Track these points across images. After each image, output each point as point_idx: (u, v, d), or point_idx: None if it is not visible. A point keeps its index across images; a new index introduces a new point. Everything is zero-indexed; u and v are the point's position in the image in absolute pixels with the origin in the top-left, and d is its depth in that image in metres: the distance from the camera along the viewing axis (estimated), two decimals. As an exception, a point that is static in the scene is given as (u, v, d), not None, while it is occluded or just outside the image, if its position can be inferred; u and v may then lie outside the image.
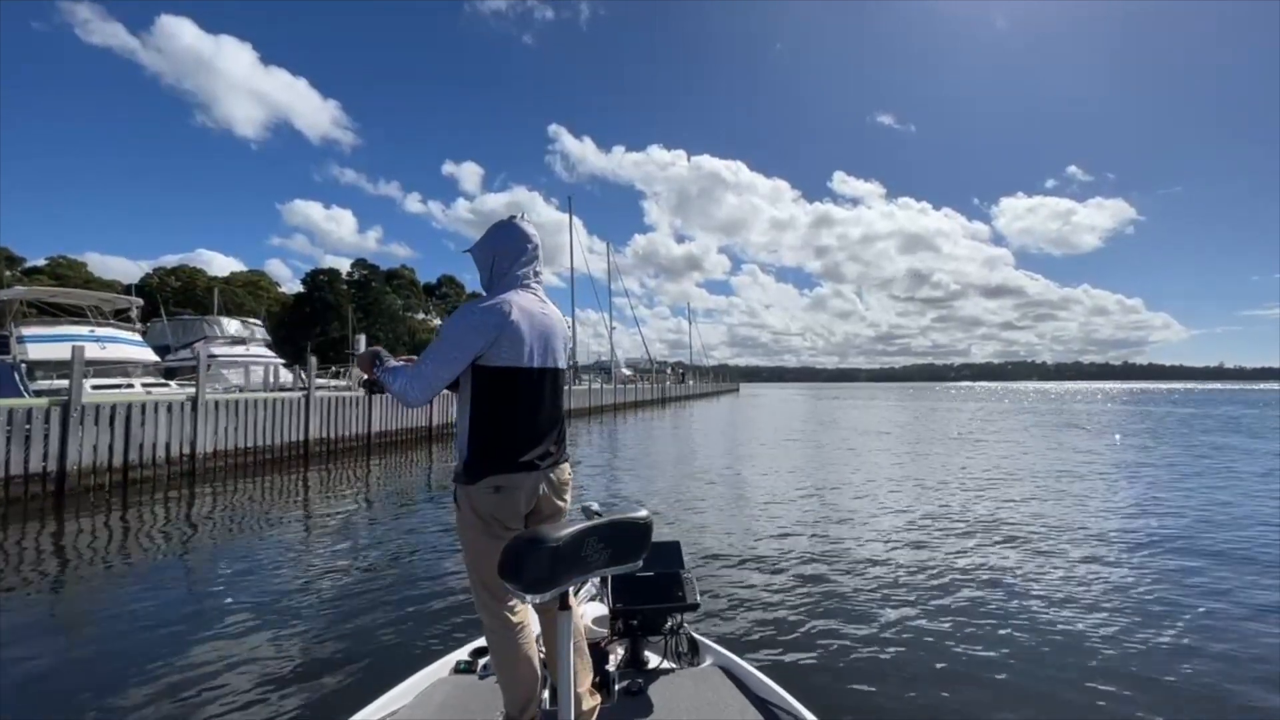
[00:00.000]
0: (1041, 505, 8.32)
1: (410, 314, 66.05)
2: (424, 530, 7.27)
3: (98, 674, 3.59)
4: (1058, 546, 6.16)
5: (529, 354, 1.71)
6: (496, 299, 1.72)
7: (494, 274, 1.81)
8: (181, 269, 59.96)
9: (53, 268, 48.85)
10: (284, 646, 3.94)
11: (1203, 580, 5.16)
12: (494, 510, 1.68)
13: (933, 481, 10.36)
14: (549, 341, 1.78)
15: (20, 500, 8.09)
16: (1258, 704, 3.19)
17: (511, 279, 1.79)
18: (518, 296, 1.74)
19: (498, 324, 1.66)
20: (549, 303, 1.85)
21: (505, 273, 1.79)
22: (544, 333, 1.76)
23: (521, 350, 1.70)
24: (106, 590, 5.20)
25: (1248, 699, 3.24)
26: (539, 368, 1.75)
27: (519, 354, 1.69)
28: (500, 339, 1.67)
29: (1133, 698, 3.22)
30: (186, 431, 10.42)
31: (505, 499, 1.68)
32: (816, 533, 6.78)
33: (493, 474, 1.67)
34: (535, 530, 1.28)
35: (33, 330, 14.18)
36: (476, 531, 1.69)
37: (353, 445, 14.41)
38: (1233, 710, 3.16)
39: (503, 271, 1.80)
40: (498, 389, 1.70)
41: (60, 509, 7.95)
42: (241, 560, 5.97)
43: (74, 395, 8.70)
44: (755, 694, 1.96)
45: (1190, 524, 7.21)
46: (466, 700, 1.97)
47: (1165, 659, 3.69)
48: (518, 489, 1.68)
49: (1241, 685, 3.37)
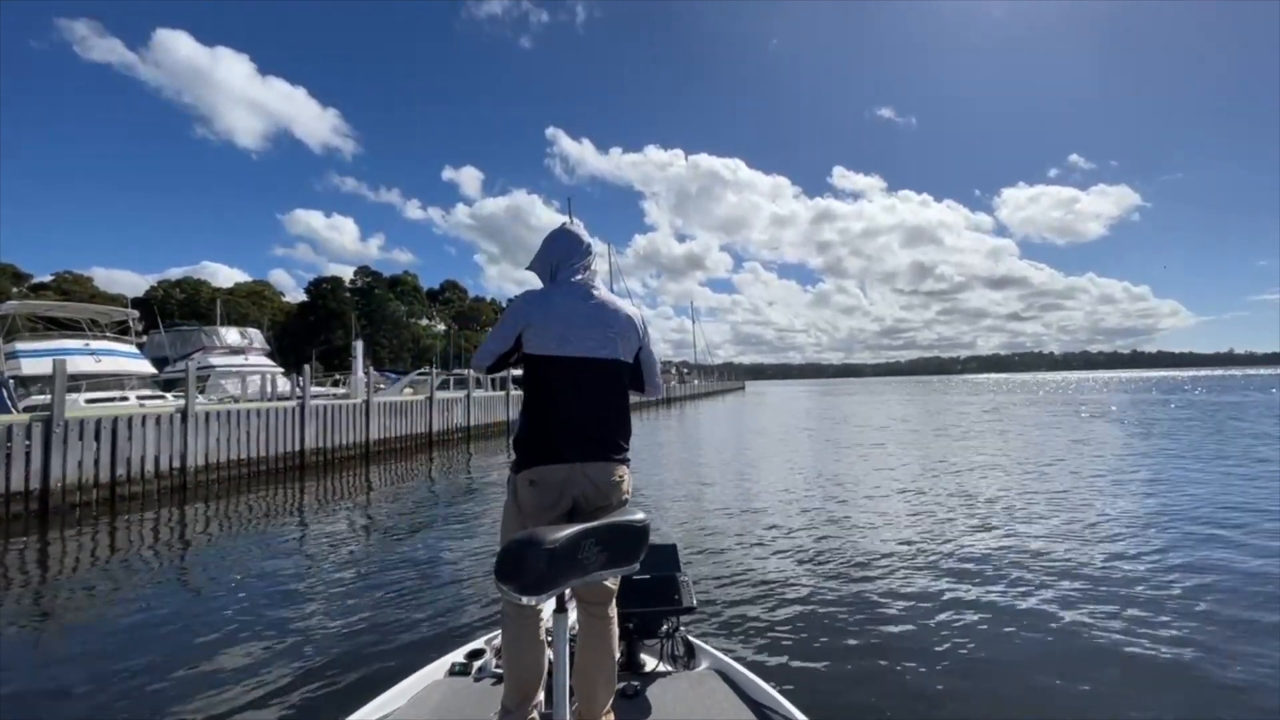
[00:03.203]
0: (1054, 507, 7.96)
1: (414, 320, 66.04)
2: (420, 535, 7.31)
3: (85, 685, 3.56)
4: (1068, 550, 5.84)
5: (565, 342, 1.74)
6: (538, 289, 1.85)
7: (554, 277, 1.88)
8: (185, 281, 60.28)
9: (59, 283, 49.15)
10: (278, 650, 3.95)
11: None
12: (532, 503, 1.69)
13: (937, 481, 10.02)
14: (597, 332, 1.78)
15: (2, 519, 7.87)
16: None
17: (563, 277, 1.86)
18: (561, 288, 1.82)
19: (528, 312, 1.76)
20: (603, 295, 1.86)
21: (559, 272, 1.87)
22: (589, 323, 1.78)
23: (556, 337, 1.74)
24: (91, 605, 5.11)
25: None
26: (577, 357, 1.75)
27: (555, 341, 1.74)
28: (534, 325, 1.75)
29: (1135, 701, 3.13)
30: (176, 444, 10.19)
31: (540, 493, 1.69)
32: (814, 536, 6.60)
33: (530, 466, 1.70)
34: (532, 532, 1.27)
35: (27, 345, 14.06)
36: (514, 519, 1.73)
37: (350, 454, 14.16)
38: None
39: (557, 272, 1.87)
40: (537, 377, 1.77)
41: (44, 527, 7.75)
42: (234, 569, 5.94)
43: (56, 410, 8.47)
44: (751, 697, 1.95)
45: (1248, 523, 6.80)
46: (462, 702, 1.96)
47: (1174, 673, 3.44)
48: (551, 483, 1.69)
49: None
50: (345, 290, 61.20)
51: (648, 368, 1.96)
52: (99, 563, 6.35)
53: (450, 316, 71.12)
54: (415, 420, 16.91)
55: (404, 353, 57.38)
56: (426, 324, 67.16)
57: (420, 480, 11.86)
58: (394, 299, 64.09)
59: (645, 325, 1.93)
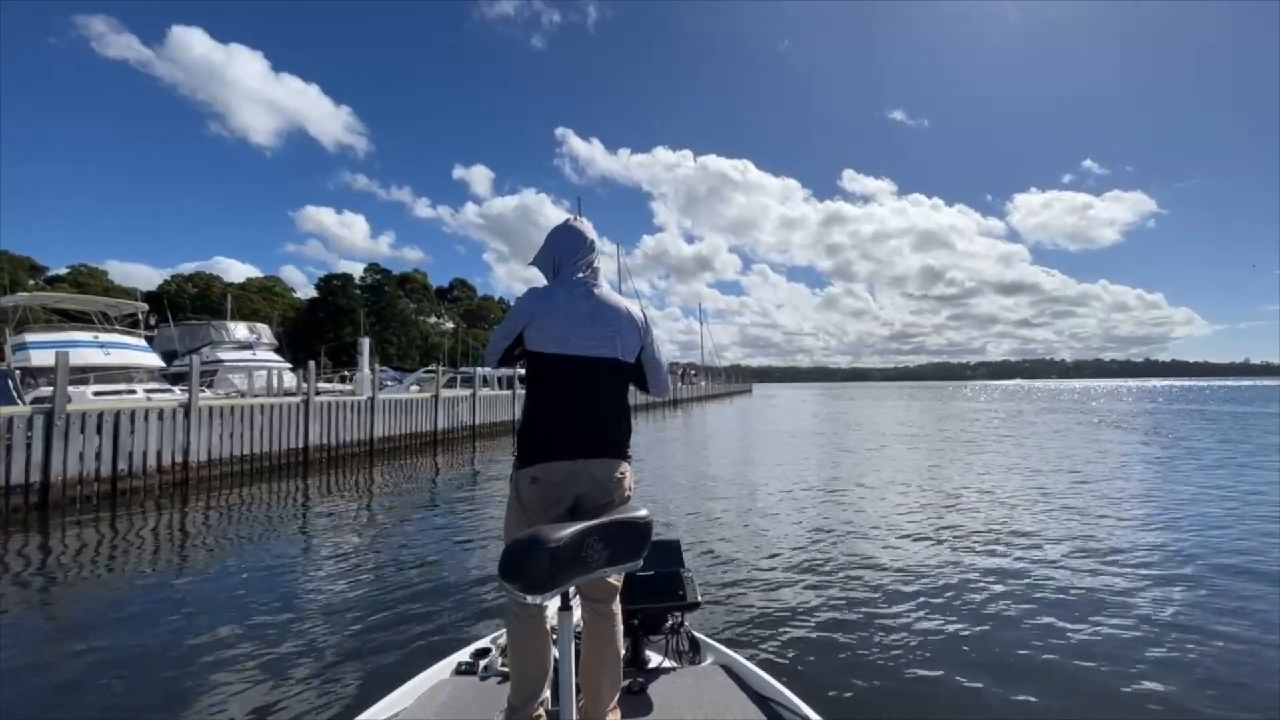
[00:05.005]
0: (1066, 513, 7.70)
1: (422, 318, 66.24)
2: (425, 534, 7.13)
3: (84, 684, 3.53)
4: (1076, 554, 5.68)
5: (565, 340, 1.74)
6: (542, 287, 1.85)
7: (556, 276, 1.87)
8: (198, 276, 60.74)
9: (74, 276, 49.67)
10: (283, 649, 3.93)
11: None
12: (533, 500, 1.70)
13: (943, 484, 9.76)
14: (598, 331, 1.77)
15: (2, 513, 7.81)
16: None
17: (565, 275, 1.84)
18: (562, 286, 1.81)
19: (531, 309, 1.76)
20: (606, 294, 1.84)
21: (561, 269, 1.86)
22: (590, 322, 1.77)
23: (556, 336, 1.74)
24: (90, 601, 5.05)
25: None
26: (577, 355, 1.75)
27: (555, 339, 1.74)
28: (535, 322, 1.75)
29: (1137, 703, 3.08)
30: (179, 439, 10.11)
31: (542, 490, 1.69)
32: (819, 532, 6.53)
33: (532, 464, 1.70)
34: (535, 530, 1.27)
35: (36, 337, 14.09)
36: (517, 516, 1.73)
37: (354, 451, 14.08)
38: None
39: (560, 269, 1.86)
40: (538, 374, 1.77)
41: (45, 521, 7.68)
42: (236, 566, 5.88)
43: (58, 403, 8.41)
44: (757, 692, 1.95)
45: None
46: (468, 702, 1.96)
47: (1178, 677, 3.35)
48: (553, 480, 1.69)
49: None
50: (355, 287, 61.39)
51: (652, 367, 1.93)
52: (99, 558, 6.28)
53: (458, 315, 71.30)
54: (421, 418, 16.81)
55: (412, 350, 57.55)
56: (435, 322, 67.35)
57: (424, 478, 11.77)
58: (403, 296, 64.31)
59: (649, 324, 1.90)
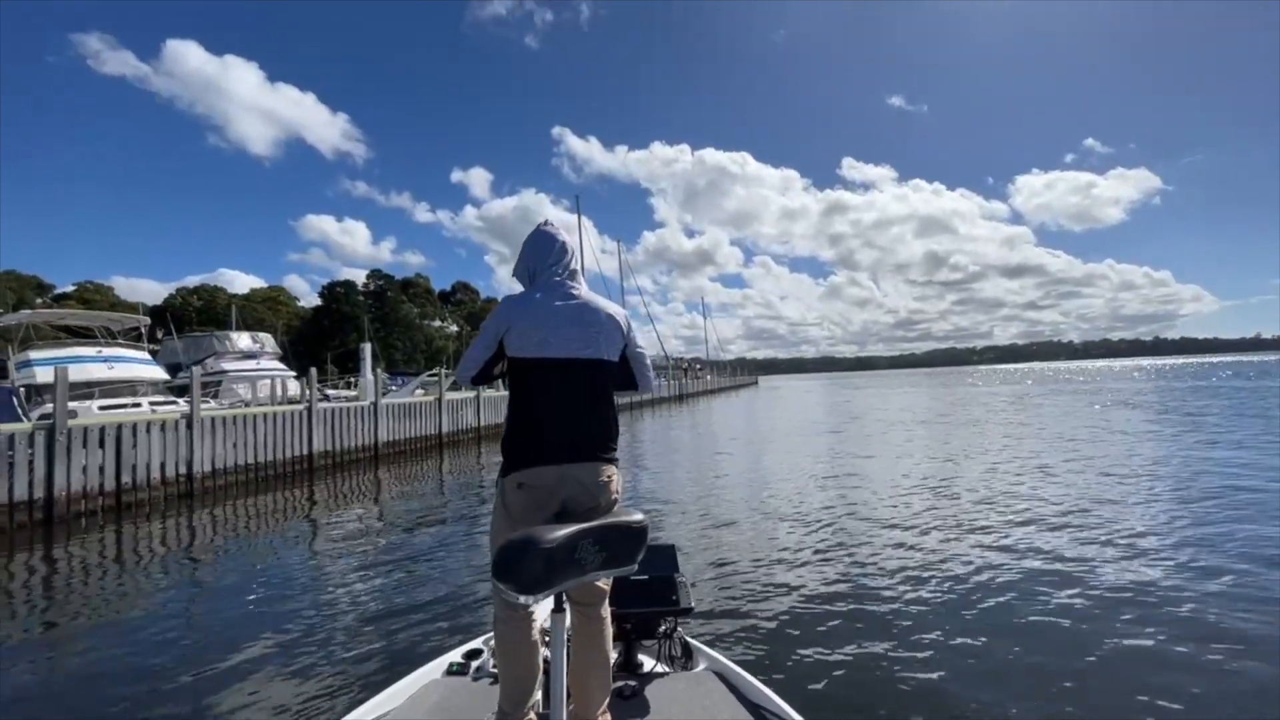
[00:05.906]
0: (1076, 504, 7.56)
1: (426, 322, 66.36)
2: (421, 535, 7.18)
3: (89, 693, 3.58)
4: (1078, 551, 5.51)
5: (546, 344, 1.73)
6: (519, 293, 1.85)
7: (533, 281, 1.87)
8: (203, 289, 61.05)
9: (80, 293, 50.06)
10: (278, 651, 3.99)
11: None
12: (520, 506, 1.70)
13: (941, 482, 9.59)
14: (578, 332, 1.76)
15: (6, 530, 7.82)
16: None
17: (542, 279, 1.84)
18: (541, 291, 1.81)
19: (508, 316, 1.75)
20: (584, 295, 1.84)
21: (537, 275, 1.86)
22: (570, 323, 1.76)
23: (536, 340, 1.73)
24: (94, 613, 5.11)
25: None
26: (559, 358, 1.74)
27: (535, 344, 1.73)
28: (515, 328, 1.73)
29: (1139, 704, 3.02)
30: (182, 450, 10.11)
31: (528, 495, 1.69)
32: (815, 537, 6.37)
33: (517, 470, 1.70)
34: (530, 531, 1.26)
35: (39, 354, 14.15)
36: (503, 522, 1.73)
37: (359, 457, 14.07)
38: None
39: (535, 276, 1.86)
40: (520, 380, 1.77)
41: (49, 537, 7.67)
42: (236, 573, 5.96)
43: (59, 418, 8.40)
44: (748, 698, 1.96)
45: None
46: (459, 703, 1.97)
47: (1181, 675, 3.26)
48: (539, 485, 1.68)
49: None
50: (358, 294, 61.55)
51: (637, 364, 1.95)
52: (104, 571, 6.31)
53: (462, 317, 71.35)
54: (425, 422, 16.79)
55: (417, 354, 57.65)
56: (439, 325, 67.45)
57: (427, 481, 11.74)
58: (406, 301, 64.42)
59: (630, 323, 1.92)
